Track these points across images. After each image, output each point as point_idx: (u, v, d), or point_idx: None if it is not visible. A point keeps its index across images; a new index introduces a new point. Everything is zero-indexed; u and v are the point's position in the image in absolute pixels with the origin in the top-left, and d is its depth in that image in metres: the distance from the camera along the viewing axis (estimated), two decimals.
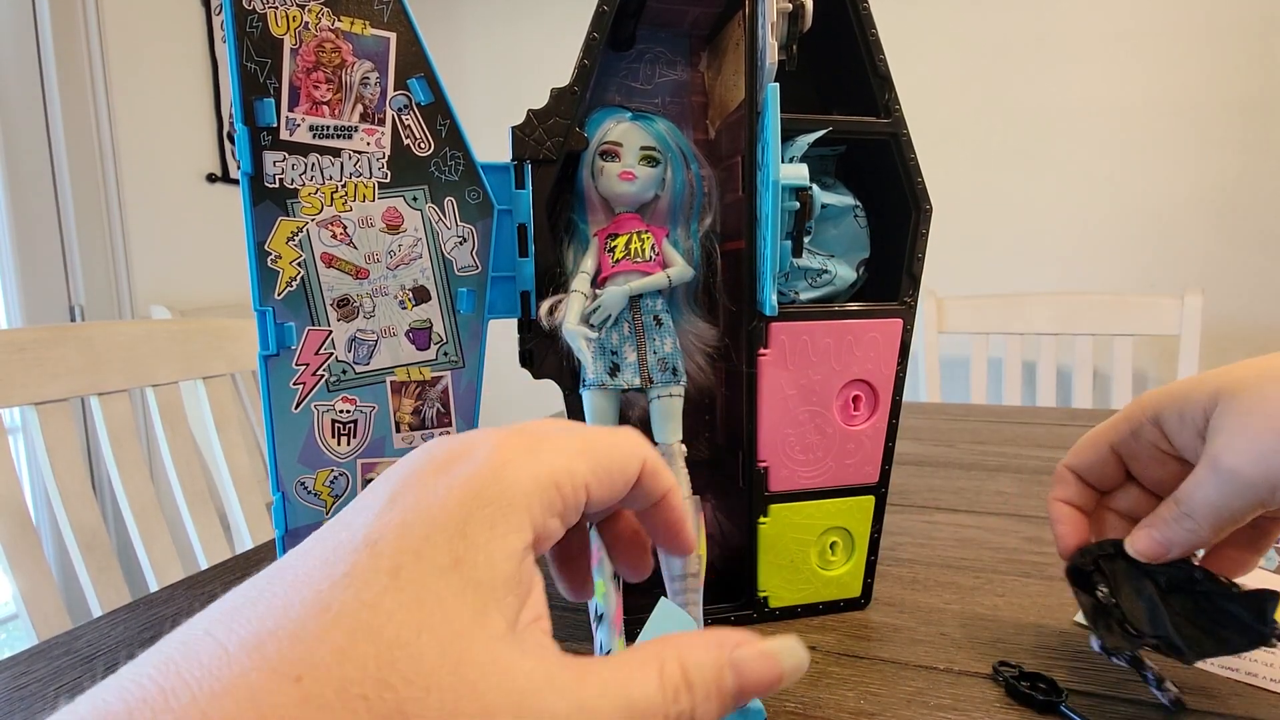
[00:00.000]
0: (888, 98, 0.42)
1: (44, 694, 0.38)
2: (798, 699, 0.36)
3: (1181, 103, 1.62)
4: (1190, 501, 0.32)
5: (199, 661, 0.13)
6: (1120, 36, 1.65)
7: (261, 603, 0.14)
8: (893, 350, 0.43)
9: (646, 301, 0.42)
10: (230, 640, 0.13)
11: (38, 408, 0.72)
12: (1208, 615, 0.33)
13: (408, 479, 0.18)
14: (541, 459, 0.19)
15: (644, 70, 0.47)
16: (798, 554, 0.44)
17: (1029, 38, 1.72)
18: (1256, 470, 0.29)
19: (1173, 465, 0.35)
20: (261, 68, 0.34)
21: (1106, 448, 0.37)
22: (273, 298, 0.36)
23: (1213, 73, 1.59)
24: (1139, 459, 0.36)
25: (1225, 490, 0.30)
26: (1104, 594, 0.35)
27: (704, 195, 0.44)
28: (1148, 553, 0.33)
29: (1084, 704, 0.35)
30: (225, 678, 0.13)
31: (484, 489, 0.17)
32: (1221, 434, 0.31)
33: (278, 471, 0.37)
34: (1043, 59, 1.71)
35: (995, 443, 0.87)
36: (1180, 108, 1.62)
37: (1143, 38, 1.63)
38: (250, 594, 0.15)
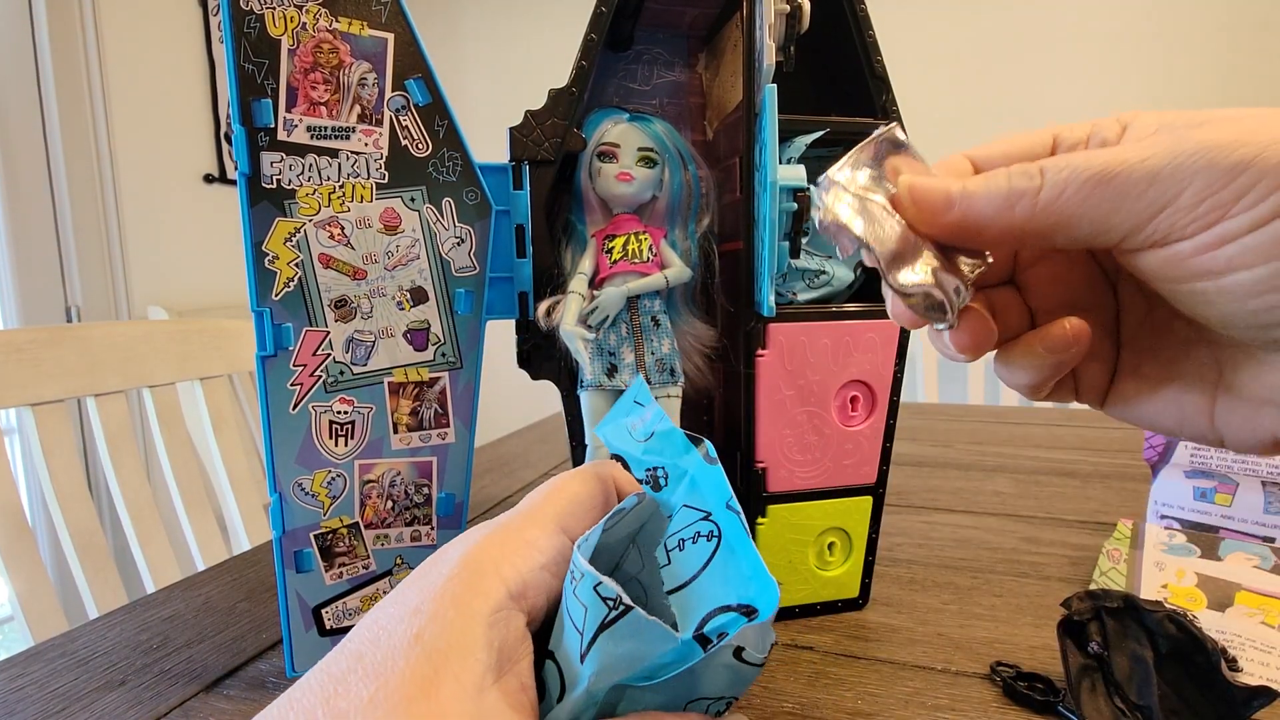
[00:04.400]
0: (885, 99, 0.42)
1: (40, 696, 0.38)
2: (795, 699, 0.37)
3: (1183, 103, 1.62)
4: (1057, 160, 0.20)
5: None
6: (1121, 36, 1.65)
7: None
8: (890, 351, 0.43)
9: (644, 302, 0.42)
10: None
11: (34, 408, 0.72)
12: (1196, 688, 0.32)
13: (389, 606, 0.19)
14: (507, 525, 0.20)
15: (642, 71, 0.47)
16: (796, 554, 0.44)
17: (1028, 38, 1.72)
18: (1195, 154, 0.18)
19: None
20: (259, 68, 0.34)
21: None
22: (270, 298, 0.35)
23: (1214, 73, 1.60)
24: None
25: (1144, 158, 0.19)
26: (1097, 645, 0.34)
27: (702, 196, 0.44)
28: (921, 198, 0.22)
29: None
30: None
31: (451, 572, 0.18)
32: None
33: (275, 472, 0.37)
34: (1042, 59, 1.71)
35: (993, 443, 0.87)
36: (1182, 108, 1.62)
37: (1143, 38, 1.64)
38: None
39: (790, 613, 0.45)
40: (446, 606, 0.17)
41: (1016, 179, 0.20)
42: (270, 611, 0.48)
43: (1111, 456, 0.79)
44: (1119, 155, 0.19)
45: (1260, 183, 0.17)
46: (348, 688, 0.15)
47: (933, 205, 0.21)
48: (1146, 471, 0.56)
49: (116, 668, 0.41)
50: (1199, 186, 0.17)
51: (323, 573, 0.38)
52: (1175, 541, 0.51)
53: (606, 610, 0.17)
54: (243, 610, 0.48)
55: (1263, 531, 0.50)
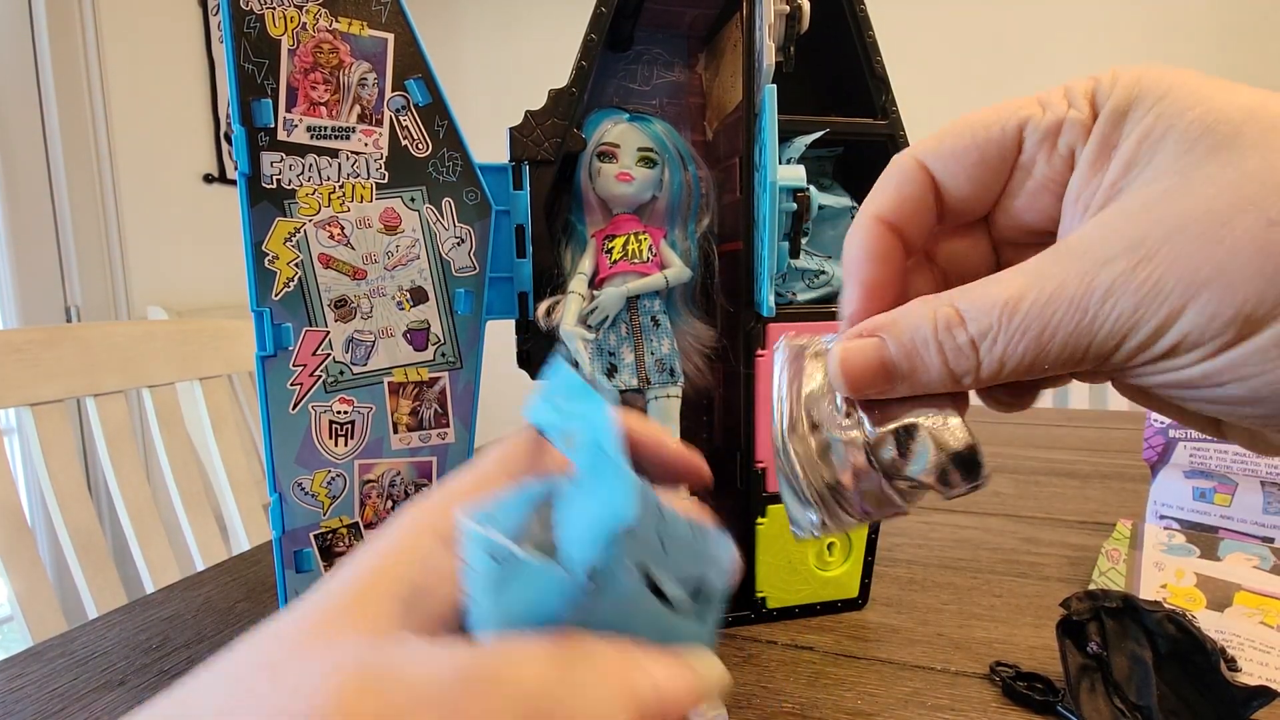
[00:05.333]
0: (885, 99, 0.42)
1: (39, 696, 0.38)
2: (795, 699, 0.37)
3: None
4: (1017, 308, 0.17)
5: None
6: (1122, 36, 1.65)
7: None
8: None
9: (644, 302, 0.42)
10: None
11: (33, 408, 0.72)
12: (1195, 688, 0.32)
13: None
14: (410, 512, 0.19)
15: (642, 71, 0.47)
16: (795, 554, 0.44)
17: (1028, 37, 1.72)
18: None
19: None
20: (259, 68, 0.34)
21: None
22: (270, 298, 0.35)
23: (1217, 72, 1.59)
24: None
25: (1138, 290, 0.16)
26: (1096, 645, 0.34)
27: (701, 196, 0.44)
28: (859, 379, 0.19)
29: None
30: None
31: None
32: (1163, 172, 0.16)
33: (275, 472, 0.37)
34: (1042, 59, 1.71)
35: (992, 444, 0.87)
36: None
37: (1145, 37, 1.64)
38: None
39: (790, 613, 0.45)
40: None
41: (952, 358, 0.18)
42: (270, 611, 0.48)
43: (1111, 457, 0.79)
44: (1048, 313, 0.17)
45: (1216, 312, 0.15)
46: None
47: (873, 382, 0.19)
48: (1146, 472, 0.56)
49: (116, 668, 0.41)
50: (1140, 336, 0.16)
51: (323, 573, 0.38)
52: (1174, 542, 0.51)
53: (499, 569, 0.15)
54: (242, 610, 0.48)
55: (1262, 532, 0.50)
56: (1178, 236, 0.15)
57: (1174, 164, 0.16)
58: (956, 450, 0.19)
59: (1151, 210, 0.16)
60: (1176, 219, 0.15)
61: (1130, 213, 0.16)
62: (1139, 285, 0.15)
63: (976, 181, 0.20)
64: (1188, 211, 0.15)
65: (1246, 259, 0.14)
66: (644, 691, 0.14)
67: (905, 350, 0.19)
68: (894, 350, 0.19)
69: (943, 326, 0.18)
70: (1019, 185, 0.20)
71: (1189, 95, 0.16)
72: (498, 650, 0.14)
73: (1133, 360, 0.16)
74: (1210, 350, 0.15)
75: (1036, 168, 0.19)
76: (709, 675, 0.16)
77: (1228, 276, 0.14)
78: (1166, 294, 0.15)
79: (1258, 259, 0.14)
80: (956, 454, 0.19)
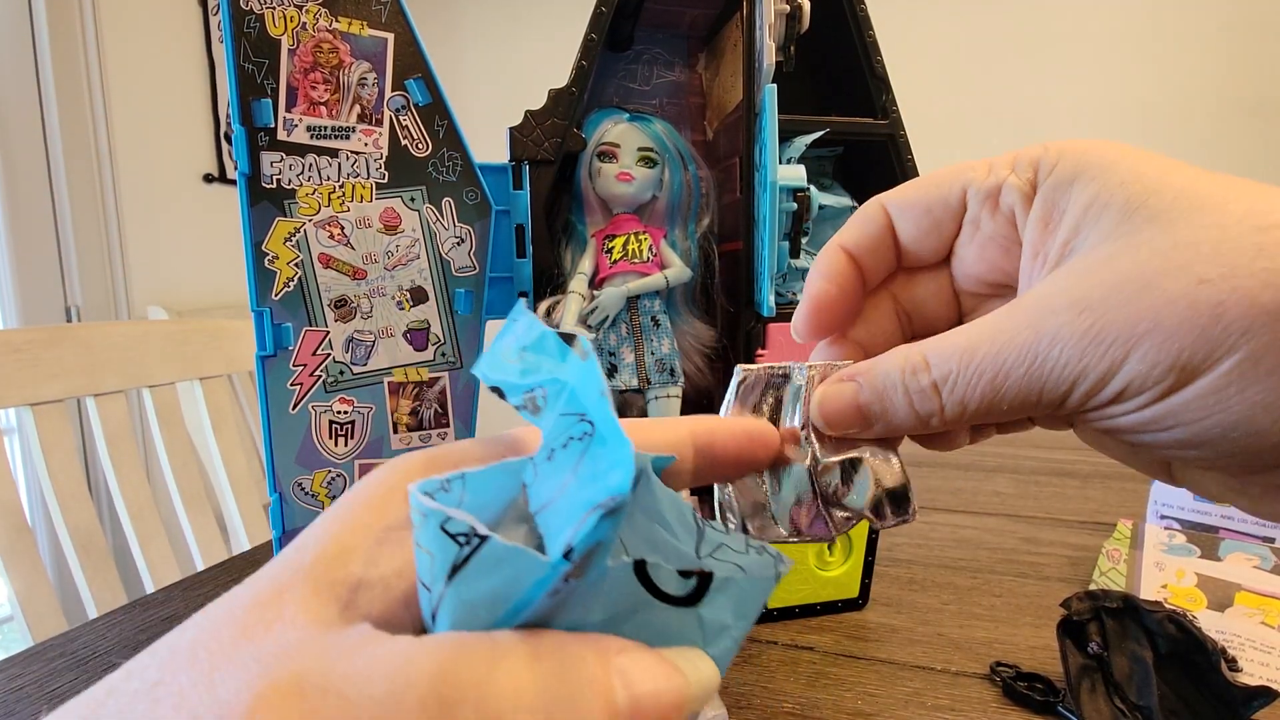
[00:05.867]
0: (885, 99, 0.42)
1: (39, 696, 0.38)
2: (796, 700, 0.37)
3: (1185, 103, 1.62)
4: (977, 356, 0.18)
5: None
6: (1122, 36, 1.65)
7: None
8: None
9: (644, 302, 0.42)
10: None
11: (34, 408, 0.72)
12: (1195, 688, 0.32)
13: None
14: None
15: (642, 71, 0.47)
16: (796, 554, 0.44)
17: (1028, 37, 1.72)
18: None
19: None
20: (259, 68, 0.34)
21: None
22: (270, 298, 0.35)
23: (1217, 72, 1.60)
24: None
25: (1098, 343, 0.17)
26: (1096, 645, 0.34)
27: (702, 196, 0.44)
28: (837, 420, 0.21)
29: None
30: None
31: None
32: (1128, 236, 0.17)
33: (275, 472, 0.37)
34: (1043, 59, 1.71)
35: (992, 443, 0.87)
36: (1184, 108, 1.62)
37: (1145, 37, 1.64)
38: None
39: (790, 613, 0.45)
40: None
41: (918, 401, 0.20)
42: None
43: None
44: (1001, 358, 0.18)
45: (1155, 360, 0.16)
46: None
47: (850, 423, 0.21)
48: None
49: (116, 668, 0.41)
50: (1087, 384, 0.17)
51: None
52: (1175, 542, 0.51)
53: (457, 549, 0.12)
54: None
55: (1262, 531, 0.50)
56: (1117, 294, 0.17)
57: (1114, 230, 0.18)
58: (892, 487, 0.21)
59: (1095, 273, 0.17)
60: (1116, 278, 0.17)
61: (1077, 273, 0.18)
62: (1082, 334, 0.17)
63: (926, 231, 0.22)
64: (1126, 271, 0.17)
65: (1180, 312, 0.16)
66: (619, 700, 0.13)
67: (877, 393, 0.20)
68: (867, 394, 0.21)
69: (909, 371, 0.20)
70: (968, 238, 0.22)
71: (1127, 171, 0.18)
72: (462, 653, 0.12)
73: (1085, 405, 0.18)
74: (1153, 396, 0.17)
75: (982, 224, 0.21)
76: (698, 679, 0.14)
77: (1164, 328, 0.16)
78: (1109, 343, 0.17)
79: (1190, 312, 0.16)
80: (892, 490, 0.21)
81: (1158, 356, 0.16)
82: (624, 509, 0.12)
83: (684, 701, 0.13)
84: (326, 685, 0.11)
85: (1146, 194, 0.17)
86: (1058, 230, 0.19)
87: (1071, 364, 0.17)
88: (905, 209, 0.22)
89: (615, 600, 0.13)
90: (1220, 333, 0.15)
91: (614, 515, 0.12)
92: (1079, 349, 0.17)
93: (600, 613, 0.13)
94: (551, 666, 0.12)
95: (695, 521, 0.16)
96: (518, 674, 0.12)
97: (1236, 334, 0.15)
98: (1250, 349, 0.15)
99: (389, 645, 0.12)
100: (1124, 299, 0.16)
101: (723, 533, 0.16)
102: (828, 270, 0.23)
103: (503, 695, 0.12)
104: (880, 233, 0.23)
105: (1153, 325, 0.16)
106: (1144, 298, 0.16)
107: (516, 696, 0.12)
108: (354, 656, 0.12)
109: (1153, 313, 0.16)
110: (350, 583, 0.14)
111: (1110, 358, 0.17)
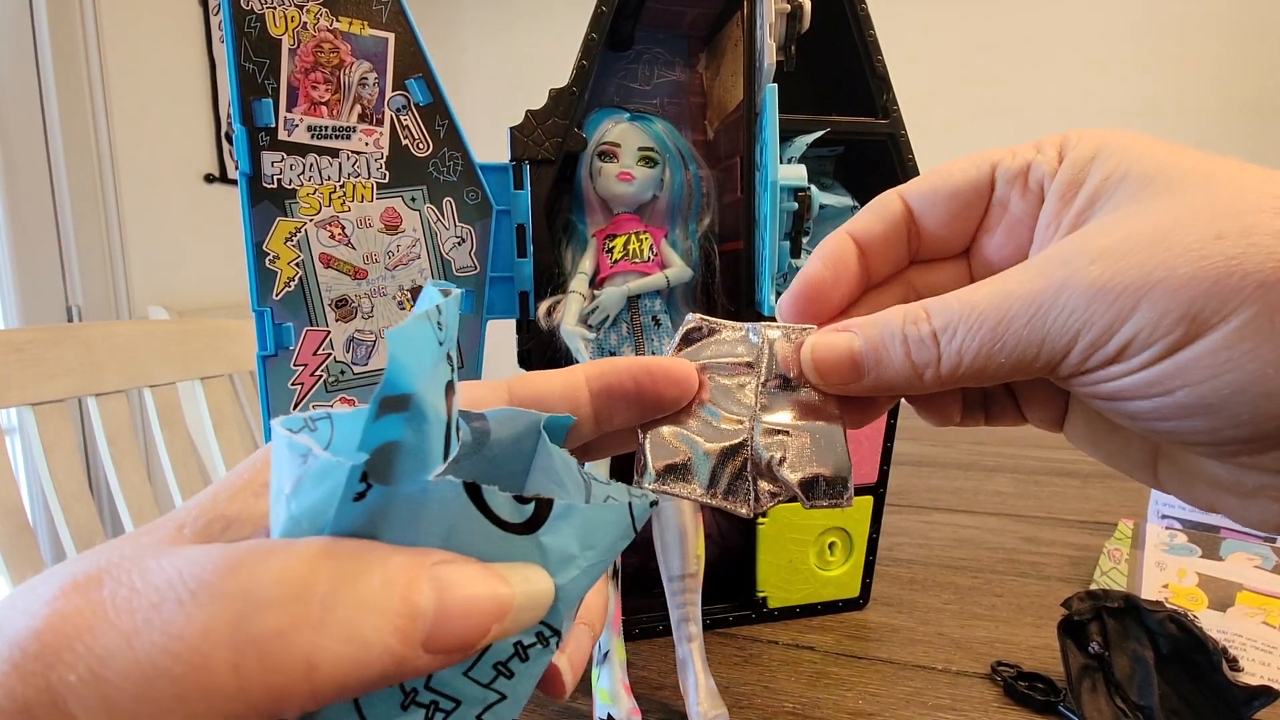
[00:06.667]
0: (886, 98, 0.42)
1: None
2: (796, 699, 0.37)
3: (1185, 103, 1.62)
4: (975, 309, 0.18)
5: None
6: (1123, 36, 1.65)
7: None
8: None
9: (645, 302, 0.42)
10: None
11: (35, 408, 0.72)
12: (1196, 688, 0.32)
13: None
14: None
15: (642, 71, 0.47)
16: (796, 554, 0.44)
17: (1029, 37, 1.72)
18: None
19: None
20: (260, 68, 0.34)
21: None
22: (271, 298, 0.35)
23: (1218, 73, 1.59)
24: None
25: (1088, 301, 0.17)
26: (1097, 645, 0.34)
27: (702, 196, 0.44)
28: (829, 370, 0.21)
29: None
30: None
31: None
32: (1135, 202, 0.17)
33: None
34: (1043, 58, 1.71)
35: (993, 443, 0.87)
36: (1184, 108, 1.62)
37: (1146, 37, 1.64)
38: None
39: (791, 612, 0.45)
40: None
41: (915, 350, 0.19)
42: None
43: None
44: (1005, 306, 0.18)
45: (1154, 318, 0.16)
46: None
47: (841, 374, 0.20)
48: None
49: None
50: (1092, 334, 0.17)
51: None
52: (1176, 541, 0.50)
53: (298, 469, 0.13)
54: None
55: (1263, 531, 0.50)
56: (1129, 245, 0.16)
57: (1131, 197, 0.18)
58: (832, 471, 0.20)
59: (1108, 231, 0.17)
60: (1129, 233, 0.17)
61: (1089, 233, 0.18)
62: (1091, 283, 0.16)
63: (953, 216, 0.22)
64: (1140, 228, 0.17)
65: (1194, 262, 0.15)
66: (421, 600, 0.12)
67: (873, 344, 0.20)
68: (862, 344, 0.20)
69: (909, 321, 0.19)
70: (994, 222, 0.22)
71: (1145, 149, 0.18)
72: (250, 550, 0.12)
73: (1086, 363, 0.17)
74: (1159, 352, 0.16)
75: (1011, 205, 0.21)
76: (526, 590, 0.13)
77: (1176, 278, 0.15)
78: (1119, 292, 0.16)
79: (1204, 264, 0.15)
80: (833, 474, 0.20)
81: (1168, 305, 0.15)
82: (412, 406, 0.12)
83: (504, 610, 0.13)
84: (123, 577, 0.12)
85: (1163, 166, 0.17)
86: (1074, 201, 0.19)
87: (1077, 313, 0.17)
88: (928, 196, 0.22)
89: (451, 525, 0.13)
90: (1235, 286, 0.15)
91: (397, 412, 0.12)
92: (1086, 298, 0.16)
93: (436, 538, 0.13)
94: (342, 563, 0.12)
95: (582, 476, 0.17)
96: (293, 566, 0.12)
97: (1252, 287, 0.15)
98: (1266, 304, 0.15)
99: (200, 548, 0.13)
100: (1137, 250, 0.16)
101: (605, 484, 0.16)
102: (827, 254, 0.23)
103: (268, 582, 0.12)
104: (895, 224, 0.22)
105: (1165, 275, 0.16)
106: (1157, 249, 0.16)
107: (284, 585, 0.12)
108: (164, 555, 0.12)
109: (1166, 263, 0.16)
110: (221, 521, 0.14)
111: (1119, 307, 0.16)
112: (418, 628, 0.12)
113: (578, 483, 0.17)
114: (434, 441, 0.13)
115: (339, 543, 0.13)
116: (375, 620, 0.12)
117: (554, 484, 0.17)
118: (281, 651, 0.11)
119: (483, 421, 0.18)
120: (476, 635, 0.13)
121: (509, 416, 0.18)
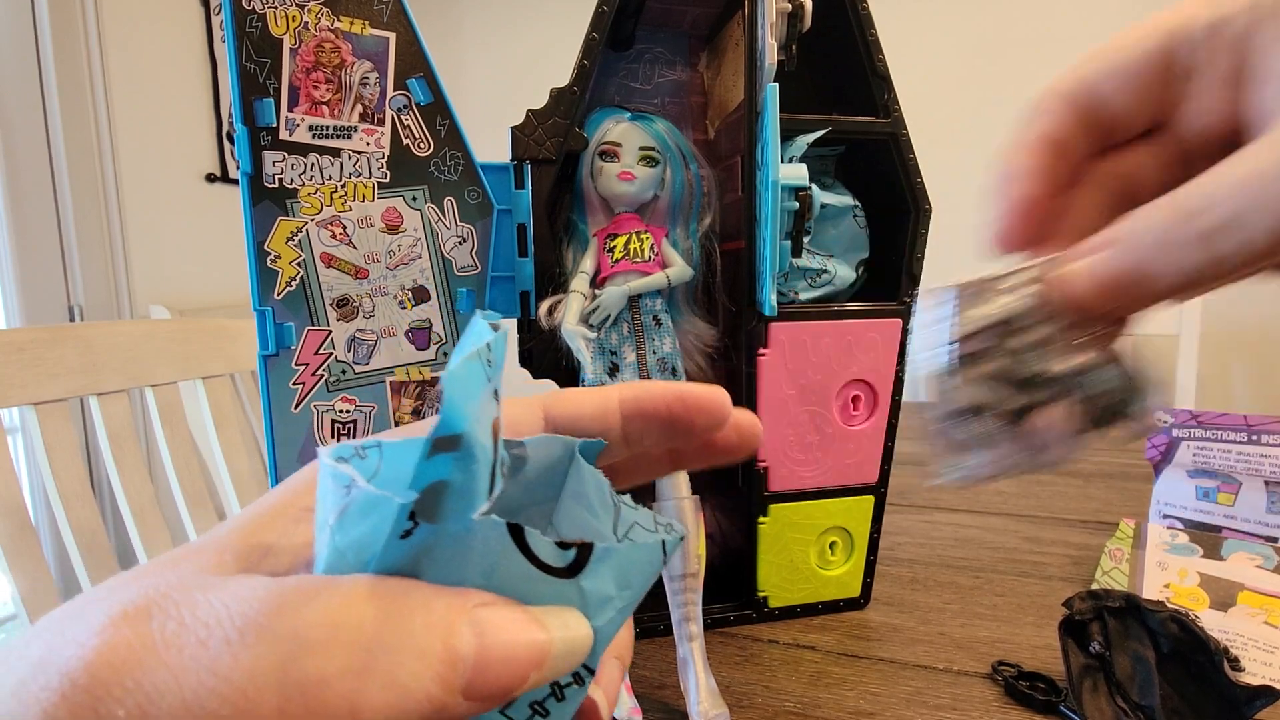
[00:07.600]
0: (887, 98, 0.42)
1: None
2: (797, 699, 0.37)
3: None
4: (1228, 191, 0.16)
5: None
6: None
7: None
8: (892, 350, 0.43)
9: (646, 301, 0.42)
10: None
11: (36, 408, 0.72)
12: (1198, 688, 0.32)
13: None
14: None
15: (643, 70, 0.47)
16: (797, 554, 0.44)
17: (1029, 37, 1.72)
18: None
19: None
20: (261, 68, 0.34)
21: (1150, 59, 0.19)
22: (272, 298, 0.36)
23: None
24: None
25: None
26: (1099, 645, 0.34)
27: (703, 195, 0.44)
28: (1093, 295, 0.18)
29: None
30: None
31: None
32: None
33: (277, 471, 0.37)
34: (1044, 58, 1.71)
35: None
36: None
37: None
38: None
39: (792, 612, 0.45)
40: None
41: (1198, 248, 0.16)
42: None
43: (1114, 456, 0.79)
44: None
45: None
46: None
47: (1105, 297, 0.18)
48: (1149, 471, 0.56)
49: None
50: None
51: None
52: (1178, 541, 0.50)
53: (342, 499, 0.13)
54: None
55: (1266, 531, 0.50)
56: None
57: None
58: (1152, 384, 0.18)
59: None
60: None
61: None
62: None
63: (1148, 85, 0.19)
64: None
65: None
66: (462, 645, 0.12)
67: (1138, 252, 0.17)
68: (1127, 258, 0.17)
69: (1181, 218, 0.16)
70: (1204, 81, 0.18)
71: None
72: (296, 586, 0.12)
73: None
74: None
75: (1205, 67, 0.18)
76: (564, 637, 0.13)
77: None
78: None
79: None
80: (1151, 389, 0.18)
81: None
82: (462, 445, 0.12)
83: (543, 659, 0.13)
84: (171, 609, 0.12)
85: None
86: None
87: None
88: (1113, 72, 0.19)
89: (493, 564, 0.13)
90: None
91: (448, 452, 0.12)
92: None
93: (478, 576, 0.13)
94: (386, 605, 0.12)
95: (612, 499, 0.16)
96: (339, 608, 0.12)
97: None
98: None
99: (245, 581, 0.13)
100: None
101: (634, 509, 0.16)
102: (1026, 169, 0.20)
103: (315, 625, 0.12)
104: (1070, 117, 0.20)
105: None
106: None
107: (331, 628, 0.12)
108: (210, 589, 0.12)
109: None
110: (260, 549, 0.14)
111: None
112: (458, 674, 0.12)
113: (607, 506, 0.17)
114: (481, 480, 0.13)
115: (383, 583, 0.13)
116: (417, 666, 0.12)
117: (584, 508, 0.17)
118: (327, 698, 0.11)
119: (522, 449, 0.18)
120: (516, 682, 0.13)
121: (545, 443, 0.18)
